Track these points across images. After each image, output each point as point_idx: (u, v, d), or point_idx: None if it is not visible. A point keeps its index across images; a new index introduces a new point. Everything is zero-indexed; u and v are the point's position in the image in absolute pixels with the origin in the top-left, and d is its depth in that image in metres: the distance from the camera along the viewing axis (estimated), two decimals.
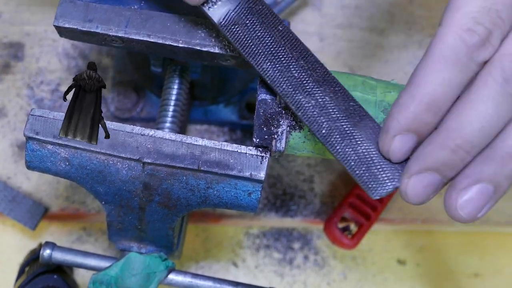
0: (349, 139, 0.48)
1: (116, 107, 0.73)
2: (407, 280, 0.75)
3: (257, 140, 0.51)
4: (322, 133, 0.48)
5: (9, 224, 0.73)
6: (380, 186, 0.47)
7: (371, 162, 0.47)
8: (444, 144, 0.45)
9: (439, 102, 0.45)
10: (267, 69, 0.49)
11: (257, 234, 0.75)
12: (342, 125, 0.48)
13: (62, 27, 0.54)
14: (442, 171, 0.45)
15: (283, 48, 0.50)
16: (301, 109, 0.48)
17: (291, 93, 0.49)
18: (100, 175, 0.52)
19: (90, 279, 0.57)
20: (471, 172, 0.45)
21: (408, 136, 0.46)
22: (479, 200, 0.45)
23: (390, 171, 0.47)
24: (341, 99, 0.49)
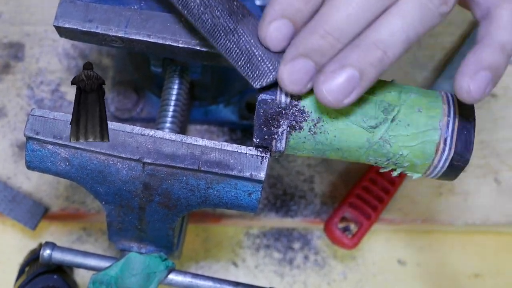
0: (231, 34, 0.50)
1: (116, 107, 0.73)
2: (407, 280, 0.75)
3: (257, 140, 0.51)
4: (207, 29, 0.50)
5: (9, 224, 0.73)
6: (262, 76, 0.49)
7: (252, 54, 0.50)
8: (314, 30, 0.47)
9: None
10: None
11: (257, 234, 0.75)
12: (225, 22, 0.50)
13: (62, 27, 0.54)
14: (313, 57, 0.47)
15: None
16: (186, 8, 0.51)
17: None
18: (100, 175, 0.52)
19: (90, 279, 0.57)
20: (339, 57, 0.47)
21: (282, 22, 0.48)
22: (345, 85, 0.47)
23: (271, 62, 0.49)
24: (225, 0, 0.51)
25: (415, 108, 0.51)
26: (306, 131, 0.51)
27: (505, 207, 0.75)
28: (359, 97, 0.48)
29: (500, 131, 0.77)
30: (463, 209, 0.75)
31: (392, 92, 0.52)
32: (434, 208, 0.75)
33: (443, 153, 0.51)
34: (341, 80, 0.47)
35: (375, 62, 0.47)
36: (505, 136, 0.77)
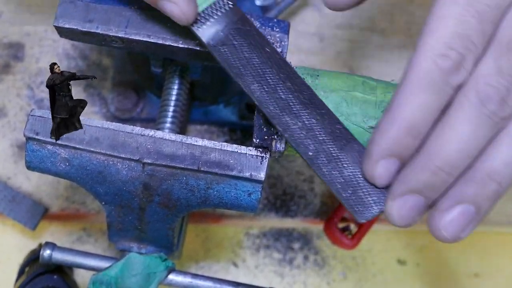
0: (335, 162, 0.48)
1: (116, 107, 0.73)
2: (407, 280, 0.75)
3: (257, 141, 0.51)
4: (309, 155, 0.48)
5: (9, 224, 0.73)
6: (366, 210, 0.48)
7: (357, 186, 0.48)
8: (424, 166, 0.46)
9: (418, 125, 0.46)
10: (254, 90, 0.50)
11: (257, 234, 0.75)
12: (328, 148, 0.48)
13: (62, 27, 0.54)
14: (425, 193, 0.46)
15: (270, 70, 0.50)
16: (287, 131, 0.49)
17: (278, 114, 0.49)
18: (100, 176, 0.52)
19: (90, 279, 0.57)
20: (453, 193, 0.46)
21: (390, 161, 0.47)
22: (461, 220, 0.46)
23: (376, 195, 0.48)
24: (328, 122, 0.49)
25: None
26: None
27: (505, 207, 0.75)
28: (474, 229, 0.47)
29: None
30: None
31: (392, 92, 0.52)
32: None
33: None
34: (457, 217, 0.46)
35: (491, 194, 0.46)
36: None
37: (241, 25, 0.51)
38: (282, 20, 0.55)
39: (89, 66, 0.75)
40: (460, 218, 0.46)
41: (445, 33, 0.45)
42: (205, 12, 0.51)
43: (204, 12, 0.51)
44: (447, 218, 0.46)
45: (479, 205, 0.46)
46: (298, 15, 0.78)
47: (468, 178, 0.46)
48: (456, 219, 0.46)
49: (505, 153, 0.45)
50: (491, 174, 0.45)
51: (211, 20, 0.51)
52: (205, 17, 0.51)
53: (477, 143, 0.45)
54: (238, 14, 0.52)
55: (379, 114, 0.51)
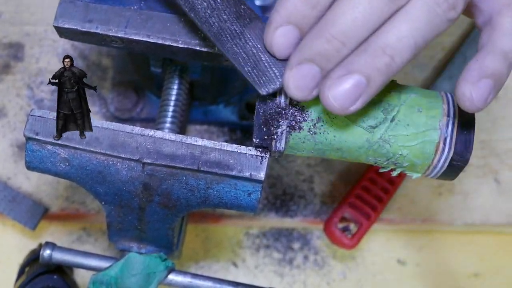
0: (238, 38, 0.50)
1: (116, 107, 0.73)
2: (407, 280, 0.75)
3: (256, 140, 0.51)
4: (214, 32, 0.50)
5: (9, 224, 0.73)
6: (268, 82, 0.49)
7: (259, 59, 0.49)
8: (319, 34, 0.46)
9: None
10: None
11: (257, 234, 0.75)
12: (232, 26, 0.50)
13: (62, 27, 0.54)
14: (319, 62, 0.46)
15: None
16: (193, 11, 0.50)
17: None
18: (100, 176, 0.52)
19: (90, 279, 0.57)
20: (345, 63, 0.46)
21: (288, 28, 0.47)
22: (351, 91, 0.46)
23: (277, 68, 0.49)
24: (233, 2, 0.51)
25: (415, 108, 0.51)
26: (306, 131, 0.51)
27: (505, 207, 0.75)
28: (364, 104, 0.47)
29: (500, 131, 0.77)
30: (462, 209, 0.75)
31: (392, 92, 0.52)
32: (434, 208, 0.75)
33: (442, 153, 0.51)
34: (347, 86, 0.46)
35: (383, 68, 0.46)
36: (504, 136, 0.77)
37: None
38: None
39: (89, 66, 0.75)
40: (350, 89, 0.46)
41: None
42: None
43: None
44: (338, 89, 0.46)
45: (370, 77, 0.46)
46: None
47: (361, 50, 0.46)
48: (347, 90, 0.46)
49: (400, 28, 0.46)
50: (384, 47, 0.46)
51: None
52: None
53: (372, 14, 0.46)
54: None
55: (378, 113, 0.51)
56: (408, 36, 0.46)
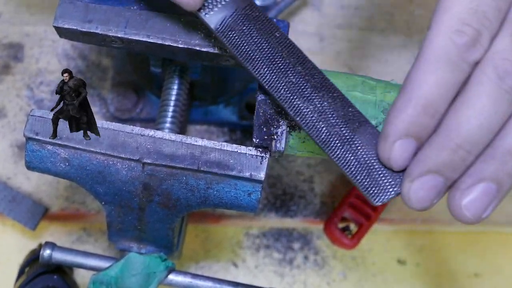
0: (348, 144, 0.47)
1: (116, 107, 0.73)
2: (407, 280, 0.75)
3: (256, 141, 0.51)
4: (322, 138, 0.48)
5: (9, 224, 0.73)
6: (381, 192, 0.47)
7: (372, 168, 0.47)
8: (443, 145, 0.44)
9: (435, 103, 0.45)
10: (264, 74, 0.49)
11: (257, 234, 0.75)
12: (341, 130, 0.48)
13: (61, 27, 0.54)
14: (444, 173, 0.45)
15: (280, 54, 0.50)
16: (299, 115, 0.48)
17: (289, 98, 0.48)
18: (100, 176, 0.52)
19: (90, 279, 0.57)
20: (473, 171, 0.45)
21: (407, 141, 0.45)
22: (483, 199, 0.45)
23: (392, 177, 0.47)
24: (340, 105, 0.48)
25: None
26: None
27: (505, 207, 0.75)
28: (496, 208, 0.46)
29: None
30: None
31: (392, 92, 0.52)
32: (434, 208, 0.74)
33: None
34: (478, 196, 0.45)
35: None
36: None
37: (250, 10, 0.51)
38: (282, 20, 0.55)
39: (88, 67, 0.75)
40: (482, 197, 0.45)
41: (460, 9, 0.44)
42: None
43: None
44: (469, 198, 0.44)
45: (501, 183, 0.45)
46: (298, 15, 0.78)
47: (488, 156, 0.45)
48: (478, 198, 0.44)
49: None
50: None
51: (218, 6, 0.51)
52: (213, 2, 0.51)
53: (496, 119, 0.44)
54: (246, 0, 0.51)
55: (378, 113, 0.51)
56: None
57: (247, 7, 0.51)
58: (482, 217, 0.45)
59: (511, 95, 0.44)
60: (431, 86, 0.44)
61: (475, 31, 0.44)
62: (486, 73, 0.44)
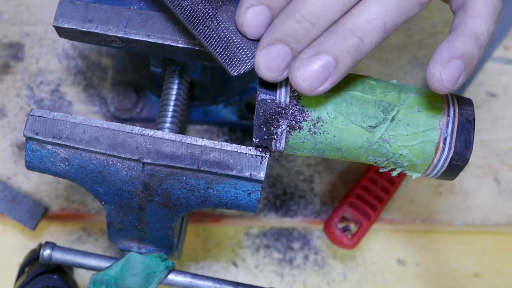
0: (210, 20, 0.50)
1: (116, 107, 0.73)
2: (407, 280, 0.75)
3: (256, 140, 0.51)
4: (186, 15, 0.50)
5: (9, 224, 0.73)
6: (240, 63, 0.49)
7: (231, 41, 0.49)
8: (289, 15, 0.46)
9: None
10: None
11: (257, 234, 0.75)
12: (204, 8, 0.50)
13: (61, 27, 0.54)
14: (289, 42, 0.46)
15: None
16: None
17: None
18: (100, 175, 0.52)
19: (90, 279, 0.57)
20: (315, 44, 0.46)
21: (259, 8, 0.48)
22: (320, 72, 0.46)
23: (249, 49, 0.49)
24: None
25: (414, 108, 0.51)
26: (306, 131, 0.51)
27: (505, 207, 0.75)
28: (333, 86, 0.47)
29: (500, 130, 0.77)
30: (462, 209, 0.75)
31: (392, 92, 0.52)
32: (434, 208, 0.75)
33: (442, 153, 0.51)
34: (316, 67, 0.46)
35: (352, 49, 0.46)
36: (504, 135, 0.77)
37: None
38: None
39: (88, 66, 0.75)
40: (319, 70, 0.46)
41: None
42: None
43: None
44: (307, 69, 0.46)
45: (339, 58, 0.46)
46: None
47: (331, 31, 0.46)
48: (316, 71, 0.46)
49: (370, 10, 0.46)
50: (353, 29, 0.46)
51: None
52: None
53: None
54: None
55: (378, 113, 0.51)
56: (378, 18, 0.46)
57: None
58: (318, 90, 0.47)
59: None
60: None
61: None
62: None
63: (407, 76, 0.78)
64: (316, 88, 0.47)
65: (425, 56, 0.78)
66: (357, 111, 0.51)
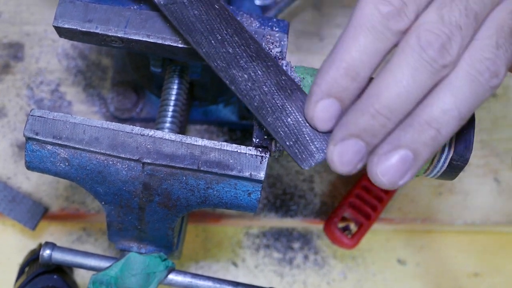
0: (279, 111, 0.49)
1: (116, 107, 0.73)
2: (407, 280, 0.75)
3: (256, 140, 0.51)
4: (254, 106, 0.49)
5: (9, 224, 0.73)
6: (309, 157, 0.48)
7: (300, 133, 0.49)
8: (364, 110, 0.46)
9: (357, 67, 0.46)
10: (202, 45, 0.51)
11: (257, 234, 0.75)
12: (273, 98, 0.49)
13: (61, 27, 0.54)
14: (364, 137, 0.46)
15: (218, 25, 0.52)
16: (234, 83, 0.50)
17: (225, 68, 0.50)
18: (100, 176, 0.52)
19: (90, 279, 0.57)
20: (391, 139, 0.46)
21: (329, 101, 0.47)
22: (399, 166, 0.46)
23: (319, 142, 0.48)
24: (273, 74, 0.50)
25: None
26: None
27: (505, 206, 0.75)
28: (414, 176, 0.46)
29: (500, 131, 0.77)
30: (462, 209, 0.75)
31: None
32: (434, 207, 0.75)
33: (442, 153, 0.51)
34: (395, 162, 0.45)
35: (429, 141, 0.45)
36: (504, 136, 0.77)
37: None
38: (282, 20, 0.55)
39: (88, 66, 0.75)
40: (398, 164, 0.46)
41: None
42: None
43: None
44: (386, 164, 0.46)
45: (417, 151, 0.46)
46: (298, 15, 0.78)
47: (407, 124, 0.46)
48: (395, 165, 0.46)
49: (444, 100, 0.45)
50: (430, 121, 0.45)
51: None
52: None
53: (416, 88, 0.45)
54: None
55: None
56: (452, 108, 0.45)
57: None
58: (399, 183, 0.46)
59: (432, 66, 0.45)
60: (354, 51, 0.46)
61: (401, 1, 0.45)
62: (408, 43, 0.45)
63: None
64: (397, 181, 0.46)
65: None
66: None
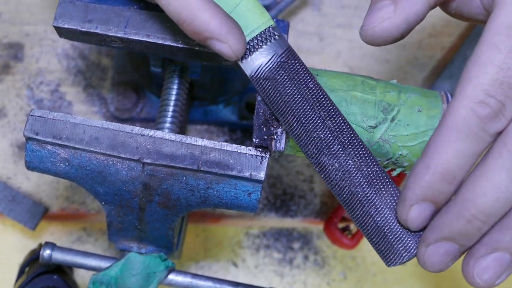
0: (368, 206, 0.48)
1: (116, 107, 0.73)
2: (407, 280, 0.75)
3: (256, 140, 0.51)
4: (343, 197, 0.49)
5: (9, 224, 0.73)
6: (396, 256, 0.48)
7: (388, 231, 0.48)
8: (459, 214, 0.45)
9: (453, 172, 0.45)
10: (294, 128, 0.49)
11: (257, 234, 0.75)
12: (363, 191, 0.48)
13: (61, 27, 0.54)
14: (459, 240, 0.46)
15: (311, 107, 0.49)
16: (324, 172, 0.49)
17: (316, 154, 0.49)
18: (100, 176, 0.52)
19: (90, 279, 0.57)
20: (488, 240, 0.46)
21: (424, 205, 0.46)
22: (496, 268, 0.46)
23: (407, 241, 0.48)
24: (365, 164, 0.49)
25: (415, 108, 0.51)
26: None
27: None
28: (508, 276, 0.46)
29: None
30: None
31: (391, 92, 0.52)
32: None
33: None
34: (492, 264, 0.45)
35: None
36: None
37: (286, 58, 0.50)
38: (282, 20, 0.55)
39: (88, 66, 0.75)
40: (495, 266, 0.45)
41: (485, 80, 0.44)
42: (250, 43, 0.50)
43: (250, 44, 0.50)
44: (482, 265, 0.45)
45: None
46: (298, 15, 0.78)
47: (504, 226, 0.45)
48: (491, 267, 0.45)
49: None
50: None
51: (256, 53, 0.50)
52: (250, 48, 0.50)
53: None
54: (284, 46, 0.50)
55: (378, 113, 0.51)
56: None
57: (283, 54, 0.50)
58: (495, 284, 0.46)
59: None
60: (450, 156, 0.45)
61: (499, 102, 0.44)
62: (506, 146, 0.44)
63: (407, 76, 0.77)
64: (493, 283, 0.46)
65: (425, 56, 0.78)
66: (357, 111, 0.51)
